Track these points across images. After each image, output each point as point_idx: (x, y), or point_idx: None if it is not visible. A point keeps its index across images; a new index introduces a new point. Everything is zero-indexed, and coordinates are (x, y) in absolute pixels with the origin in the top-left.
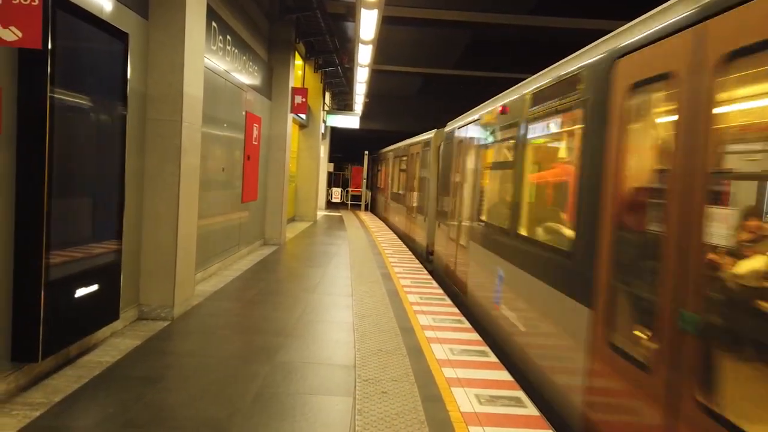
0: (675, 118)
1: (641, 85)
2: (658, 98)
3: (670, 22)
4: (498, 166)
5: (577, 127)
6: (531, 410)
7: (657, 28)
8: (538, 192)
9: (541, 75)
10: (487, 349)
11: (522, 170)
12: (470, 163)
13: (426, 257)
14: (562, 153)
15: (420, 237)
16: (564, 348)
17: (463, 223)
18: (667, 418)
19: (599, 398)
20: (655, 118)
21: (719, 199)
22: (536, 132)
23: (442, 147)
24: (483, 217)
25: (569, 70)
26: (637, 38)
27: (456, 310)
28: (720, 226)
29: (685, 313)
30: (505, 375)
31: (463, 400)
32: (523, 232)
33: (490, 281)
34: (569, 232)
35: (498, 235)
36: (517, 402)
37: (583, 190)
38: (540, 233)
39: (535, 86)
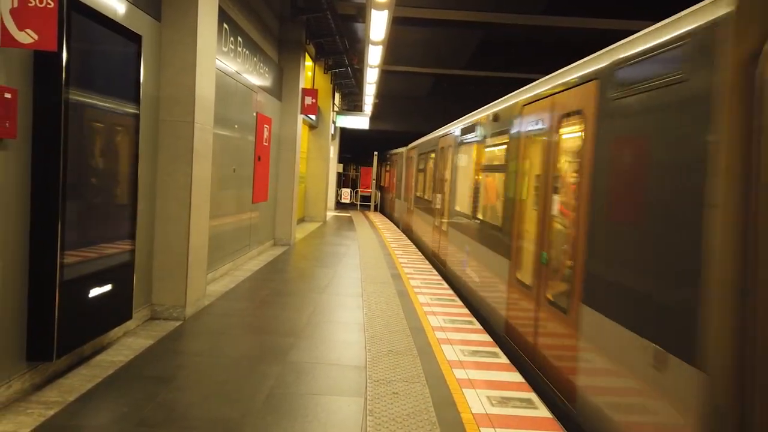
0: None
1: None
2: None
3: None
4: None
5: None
6: (543, 412)
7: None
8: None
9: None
10: (498, 350)
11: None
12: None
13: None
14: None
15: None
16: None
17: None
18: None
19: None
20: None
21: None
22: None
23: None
24: None
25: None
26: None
27: (466, 310)
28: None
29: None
30: (516, 376)
31: (474, 402)
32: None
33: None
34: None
35: None
36: (529, 404)
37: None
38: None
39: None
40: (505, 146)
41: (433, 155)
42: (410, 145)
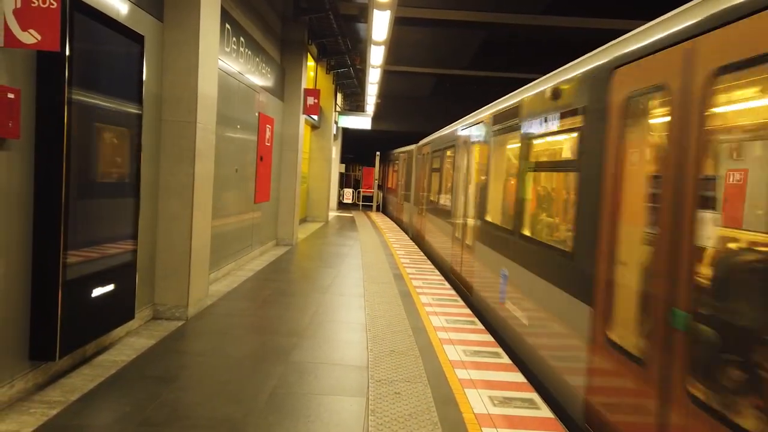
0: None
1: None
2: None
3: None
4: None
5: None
6: (545, 412)
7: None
8: None
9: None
10: (500, 350)
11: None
12: None
13: None
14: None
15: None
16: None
17: None
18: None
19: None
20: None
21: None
22: None
23: None
24: None
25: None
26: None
27: (468, 311)
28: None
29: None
30: (518, 377)
31: (476, 402)
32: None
33: None
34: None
35: None
36: (531, 404)
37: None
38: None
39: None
40: (576, 134)
41: (451, 152)
42: (422, 141)
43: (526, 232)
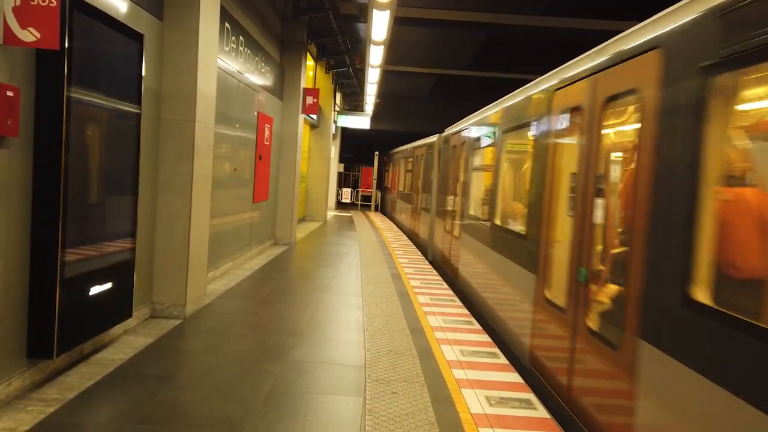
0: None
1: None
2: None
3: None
4: None
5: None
6: (541, 413)
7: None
8: None
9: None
10: (497, 350)
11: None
12: None
13: None
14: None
15: None
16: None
17: None
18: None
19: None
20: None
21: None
22: None
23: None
24: None
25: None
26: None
27: (466, 311)
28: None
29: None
30: (515, 377)
31: (473, 402)
32: None
33: None
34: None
35: None
36: (528, 404)
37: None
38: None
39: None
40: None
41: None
42: (454, 128)
43: None
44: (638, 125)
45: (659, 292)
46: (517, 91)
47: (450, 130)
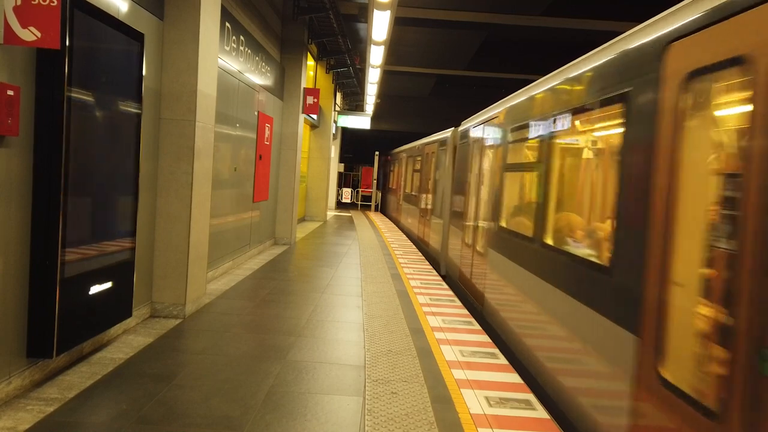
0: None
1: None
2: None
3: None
4: None
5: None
6: (541, 413)
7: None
8: None
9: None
10: (497, 351)
11: None
12: None
13: None
14: None
15: None
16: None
17: None
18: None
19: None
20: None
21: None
22: None
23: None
24: None
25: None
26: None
27: (466, 311)
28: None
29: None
30: (515, 377)
31: (472, 402)
32: None
33: None
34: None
35: None
36: (527, 404)
37: None
38: None
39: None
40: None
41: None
42: (476, 120)
43: None
44: None
45: None
46: (586, 55)
47: (470, 123)
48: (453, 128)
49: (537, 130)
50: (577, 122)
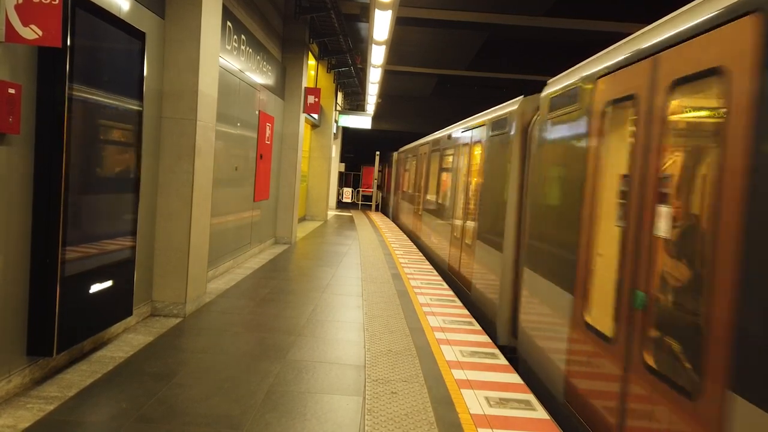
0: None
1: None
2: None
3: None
4: None
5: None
6: (541, 413)
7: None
8: None
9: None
10: (496, 351)
11: None
12: None
13: None
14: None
15: None
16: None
17: None
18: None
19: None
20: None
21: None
22: None
23: None
24: None
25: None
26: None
27: (466, 311)
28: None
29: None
30: (515, 378)
31: (472, 402)
32: None
33: None
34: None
35: None
36: (527, 405)
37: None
38: None
39: None
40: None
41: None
42: (600, 65)
43: None
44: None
45: None
46: None
47: (576, 76)
48: (522, 97)
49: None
50: None
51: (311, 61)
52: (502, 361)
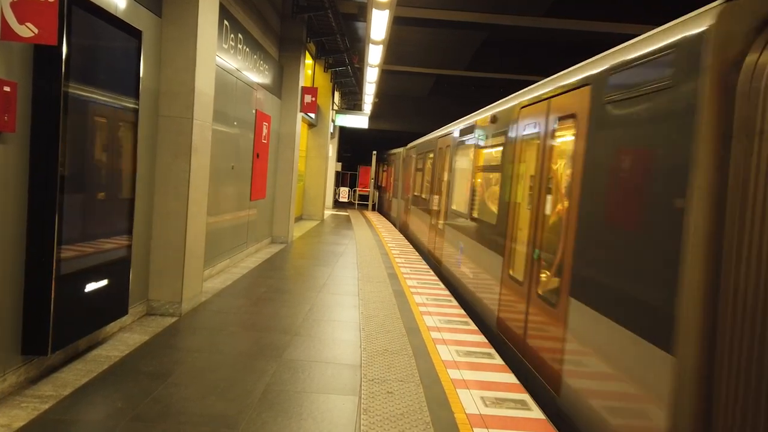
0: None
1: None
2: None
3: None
4: None
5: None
6: (536, 413)
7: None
8: None
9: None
10: (492, 351)
11: None
12: None
13: None
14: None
15: None
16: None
17: None
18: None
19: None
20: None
21: None
22: None
23: None
24: None
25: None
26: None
27: (462, 311)
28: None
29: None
30: (510, 378)
31: (468, 402)
32: None
33: None
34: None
35: None
36: (523, 405)
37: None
38: None
39: None
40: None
41: None
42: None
43: None
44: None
45: None
46: None
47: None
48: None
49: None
50: None
51: (308, 61)
52: (498, 361)
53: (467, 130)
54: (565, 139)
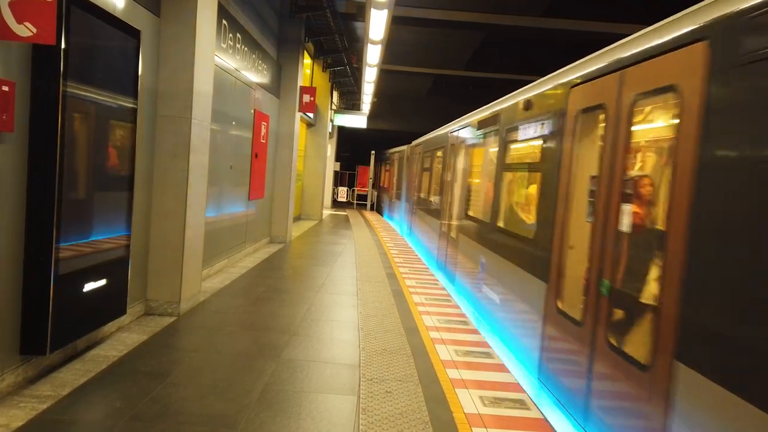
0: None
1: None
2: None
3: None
4: None
5: None
6: (535, 413)
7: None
8: None
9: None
10: (491, 350)
11: None
12: None
13: None
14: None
15: None
16: None
17: None
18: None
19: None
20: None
21: None
22: None
23: None
24: None
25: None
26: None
27: (461, 311)
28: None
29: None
30: (509, 377)
31: (467, 402)
32: None
33: None
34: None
35: None
36: (521, 404)
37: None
38: None
39: None
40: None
41: None
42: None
43: None
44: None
45: None
46: None
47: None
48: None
49: None
50: None
51: (307, 60)
52: (497, 360)
53: (488, 122)
54: (656, 124)
